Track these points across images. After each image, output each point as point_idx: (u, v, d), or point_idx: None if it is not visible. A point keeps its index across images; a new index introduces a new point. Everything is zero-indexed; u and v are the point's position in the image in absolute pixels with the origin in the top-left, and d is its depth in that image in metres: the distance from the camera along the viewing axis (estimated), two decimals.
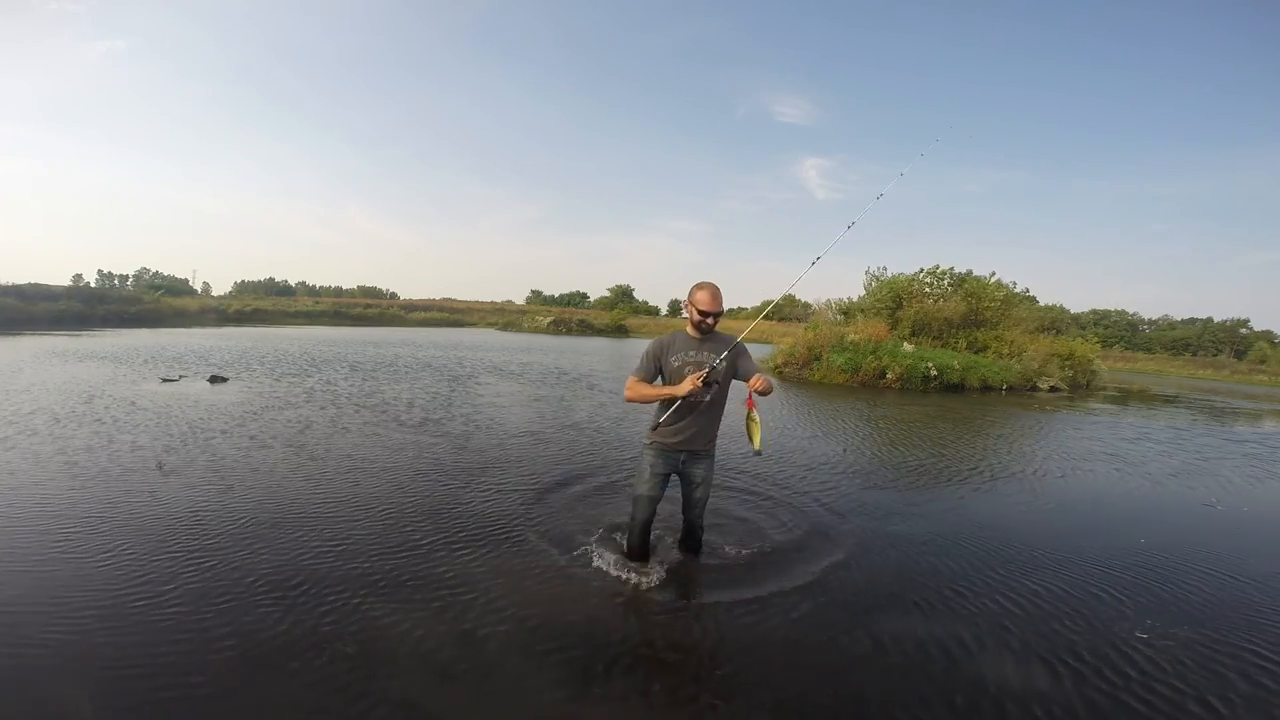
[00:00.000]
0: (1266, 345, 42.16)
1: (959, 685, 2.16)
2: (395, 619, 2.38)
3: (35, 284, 25.02)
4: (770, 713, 1.96)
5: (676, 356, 2.75)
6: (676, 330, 2.86)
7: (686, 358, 2.73)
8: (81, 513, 3.32)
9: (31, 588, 2.50)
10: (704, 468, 2.88)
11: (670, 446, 2.82)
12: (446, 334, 27.52)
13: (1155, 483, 5.51)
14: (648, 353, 2.80)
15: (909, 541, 3.55)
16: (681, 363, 2.73)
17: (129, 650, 2.10)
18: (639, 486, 2.87)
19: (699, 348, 2.75)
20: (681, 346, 2.76)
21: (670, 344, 2.79)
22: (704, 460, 2.88)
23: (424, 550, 3.04)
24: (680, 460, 2.85)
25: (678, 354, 2.75)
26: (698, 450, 2.84)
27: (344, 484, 4.06)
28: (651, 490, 2.84)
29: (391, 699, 1.92)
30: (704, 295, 2.70)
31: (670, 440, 2.80)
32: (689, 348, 2.75)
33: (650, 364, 2.78)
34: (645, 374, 2.77)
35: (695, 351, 2.74)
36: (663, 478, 2.86)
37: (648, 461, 2.85)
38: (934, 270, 17.52)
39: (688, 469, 2.88)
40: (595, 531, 3.33)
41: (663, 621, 2.51)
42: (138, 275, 55.50)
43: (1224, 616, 2.81)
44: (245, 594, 2.51)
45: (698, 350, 2.74)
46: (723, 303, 2.71)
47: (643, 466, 2.86)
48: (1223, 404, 14.62)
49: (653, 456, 2.84)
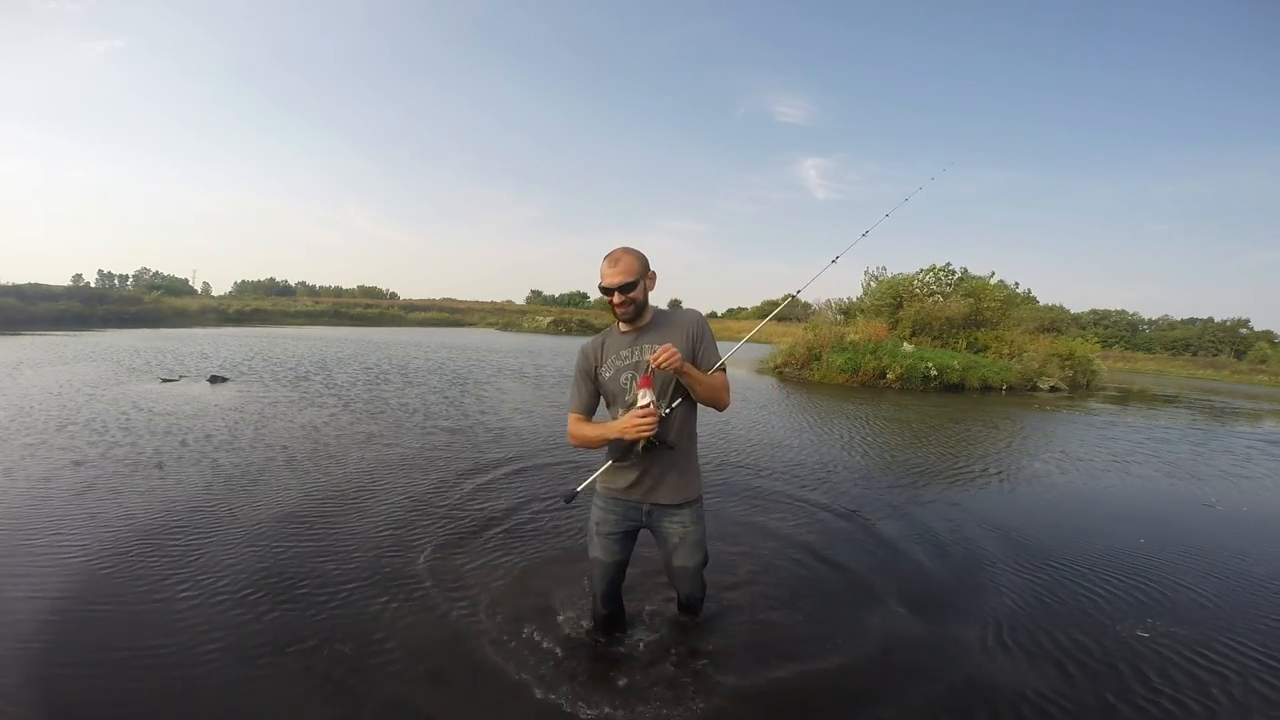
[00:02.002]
0: (1266, 345, 42.13)
1: (958, 684, 2.16)
2: (393, 618, 2.37)
3: (35, 284, 25.06)
4: (751, 702, 1.96)
5: (608, 364, 1.97)
6: (610, 327, 2.07)
7: (618, 361, 1.95)
8: (81, 512, 3.31)
9: (32, 587, 2.49)
10: (683, 523, 2.01)
11: (621, 492, 2.02)
12: (447, 334, 27.51)
13: (1155, 482, 5.50)
14: (577, 373, 2.02)
15: (908, 541, 3.54)
16: (615, 370, 1.95)
17: (128, 650, 2.10)
18: (590, 548, 2.13)
19: (633, 344, 1.95)
20: (612, 348, 1.98)
21: (598, 349, 2.01)
22: (682, 512, 2.01)
23: (423, 550, 3.04)
24: (644, 514, 2.03)
25: (607, 359, 1.97)
26: (666, 503, 2.00)
27: (343, 484, 4.05)
28: (606, 554, 2.08)
29: (386, 698, 1.92)
30: (604, 266, 1.89)
31: (619, 485, 2.01)
32: (619, 347, 1.97)
33: (582, 387, 2.00)
34: (580, 403, 1.99)
35: (631, 351, 1.94)
36: (620, 537, 2.07)
37: (594, 517, 2.09)
38: (934, 269, 17.53)
39: (658, 525, 2.04)
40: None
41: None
42: (138, 275, 55.60)
43: (1224, 616, 2.81)
44: (244, 593, 2.51)
45: (630, 348, 1.95)
46: (636, 268, 1.87)
47: (590, 524, 2.11)
48: (1223, 404, 14.62)
49: (601, 509, 2.07)
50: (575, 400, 2.02)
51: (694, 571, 2.11)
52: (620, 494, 2.02)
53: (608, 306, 1.99)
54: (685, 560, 2.06)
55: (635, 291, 1.89)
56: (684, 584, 2.17)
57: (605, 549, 2.08)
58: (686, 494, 2.00)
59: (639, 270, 1.89)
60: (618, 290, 1.87)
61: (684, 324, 1.97)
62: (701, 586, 2.23)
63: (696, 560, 2.07)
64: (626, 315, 1.92)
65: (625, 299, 1.88)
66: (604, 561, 2.10)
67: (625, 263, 1.87)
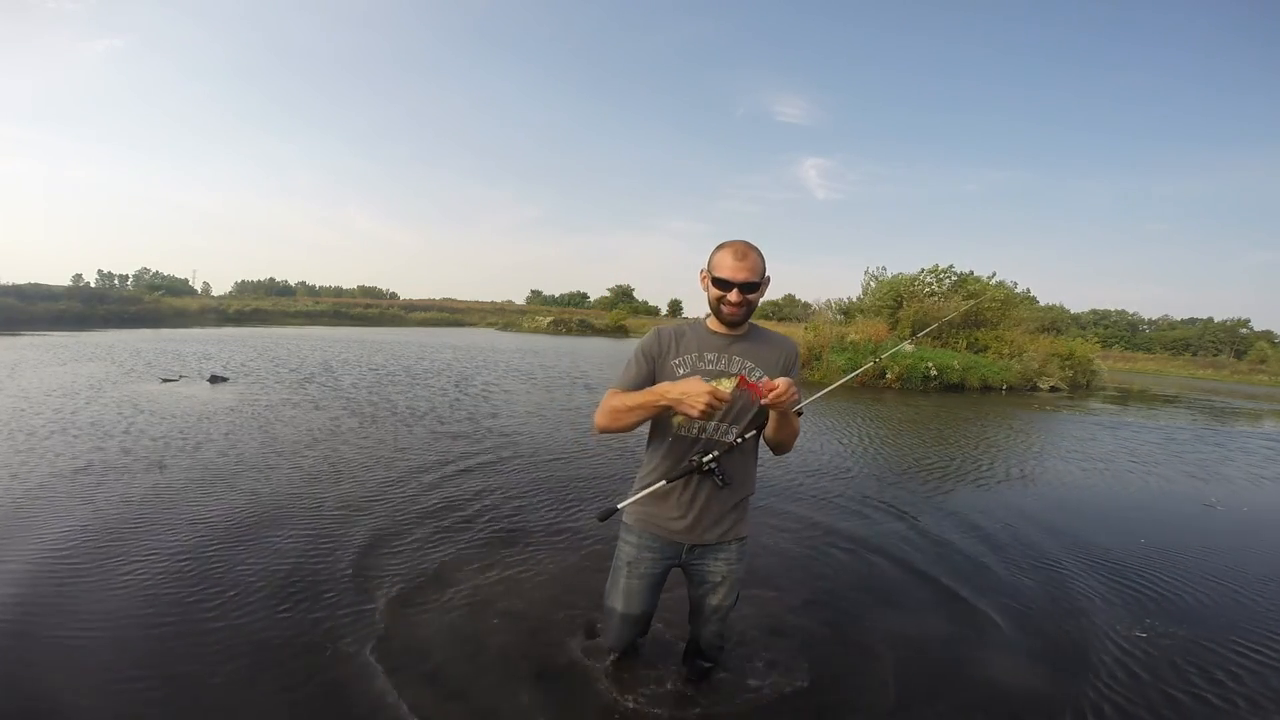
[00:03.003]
0: (1266, 345, 42.17)
1: (957, 684, 2.16)
2: (390, 617, 2.38)
3: (35, 284, 25.07)
4: (764, 710, 1.97)
5: (683, 359, 1.67)
6: (692, 320, 1.79)
7: (700, 363, 1.66)
8: (80, 511, 3.32)
9: (31, 586, 2.50)
10: (728, 560, 1.76)
11: (666, 531, 1.72)
12: (448, 334, 27.51)
13: (1155, 482, 5.51)
14: (640, 350, 1.72)
15: (906, 540, 3.55)
16: (693, 370, 1.65)
17: (126, 648, 2.11)
18: (611, 594, 1.83)
19: (725, 349, 1.68)
20: (694, 345, 1.69)
21: (677, 338, 1.71)
22: (729, 549, 1.76)
23: (423, 551, 3.04)
24: (683, 552, 1.75)
25: (686, 354, 1.68)
26: (713, 542, 1.73)
27: (343, 484, 4.06)
28: (631, 606, 1.80)
29: (389, 699, 1.92)
30: (726, 256, 1.60)
31: (665, 517, 1.71)
32: (706, 347, 1.68)
33: (641, 365, 1.69)
34: (630, 381, 1.67)
35: (717, 355, 1.67)
36: (656, 580, 1.79)
37: (625, 555, 1.78)
38: (934, 269, 17.54)
39: (698, 563, 1.77)
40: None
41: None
42: (138, 275, 55.63)
43: (1223, 616, 2.81)
44: (243, 592, 2.51)
45: (721, 353, 1.67)
46: (761, 268, 1.62)
47: (618, 563, 1.81)
48: (1223, 404, 14.62)
49: (634, 545, 1.76)
50: (624, 376, 1.69)
51: (726, 611, 1.85)
52: (663, 532, 1.72)
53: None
54: (723, 600, 1.80)
55: (756, 293, 1.65)
56: (712, 626, 1.88)
57: (638, 596, 1.78)
58: (736, 531, 1.76)
59: (763, 271, 1.64)
60: (739, 287, 1.60)
61: (783, 349, 1.73)
62: (724, 633, 1.95)
63: (733, 600, 1.83)
64: (737, 317, 1.65)
65: (743, 299, 1.62)
66: (632, 614, 1.81)
67: (752, 259, 1.61)
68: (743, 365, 1.66)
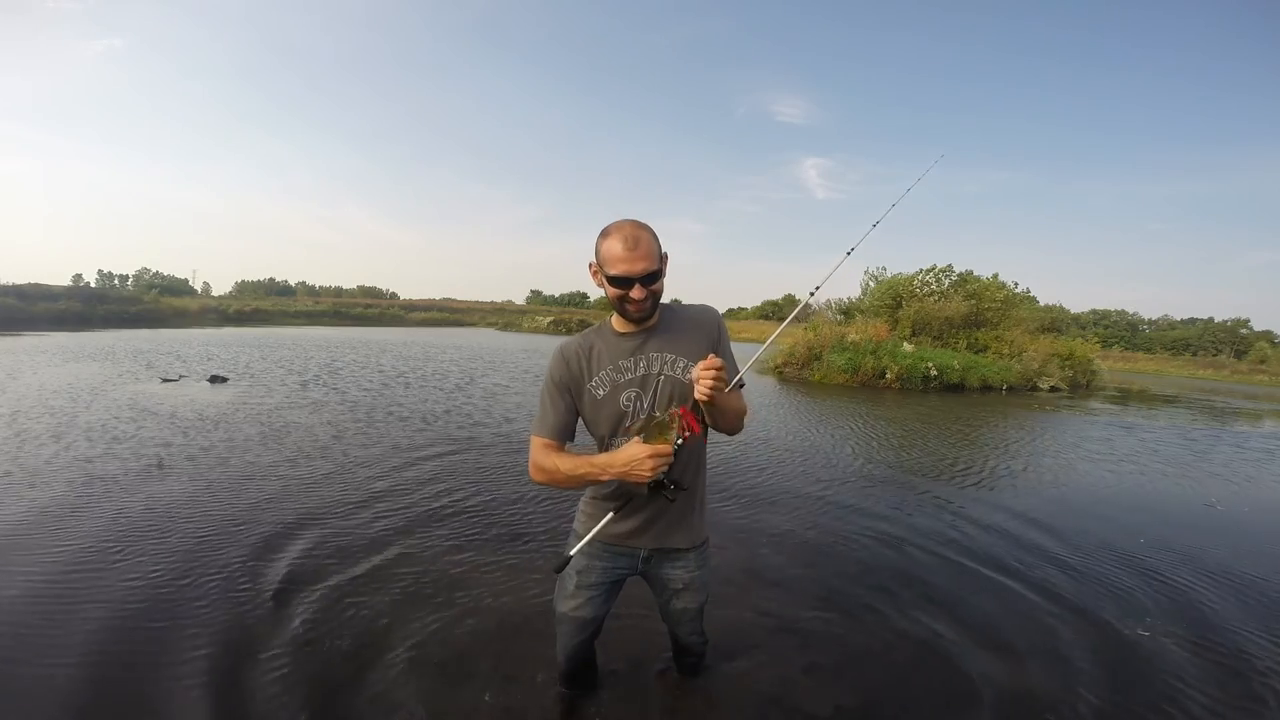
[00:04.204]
0: (1266, 345, 42.15)
1: (957, 683, 2.16)
2: (390, 617, 2.38)
3: (35, 284, 25.10)
4: (762, 702, 1.97)
5: (600, 378, 1.47)
6: (598, 325, 1.56)
7: (618, 375, 1.46)
8: (80, 511, 3.32)
9: (32, 586, 2.50)
10: (688, 567, 1.62)
11: (619, 540, 1.57)
12: (449, 334, 27.52)
13: (1155, 482, 5.51)
14: (550, 383, 1.49)
15: (905, 540, 3.54)
16: (612, 387, 1.46)
17: (125, 647, 2.11)
18: (559, 601, 1.68)
19: (639, 351, 1.46)
20: (606, 357, 1.47)
21: (586, 356, 1.49)
22: (688, 556, 1.62)
23: (422, 551, 3.05)
24: (639, 559, 1.61)
25: (601, 372, 1.47)
26: (670, 548, 1.59)
27: (343, 484, 4.06)
28: (585, 609, 1.64)
29: (383, 695, 1.92)
30: (615, 246, 1.34)
31: (616, 532, 1.55)
32: (619, 355, 1.47)
33: (557, 402, 1.48)
34: (551, 425, 1.47)
35: (633, 361, 1.46)
36: (606, 589, 1.64)
37: (574, 563, 1.60)
38: (934, 269, 17.55)
39: (657, 571, 1.63)
40: None
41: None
42: (138, 275, 55.62)
43: (1223, 616, 2.81)
44: (244, 591, 2.52)
45: (636, 357, 1.46)
46: (656, 250, 1.37)
47: (567, 570, 1.61)
48: (1223, 404, 14.62)
49: (584, 554, 1.58)
50: (543, 421, 1.48)
51: (696, 612, 1.73)
52: (615, 541, 1.57)
53: (605, 304, 1.60)
54: (689, 602, 1.68)
55: (658, 282, 1.39)
56: (684, 626, 1.77)
57: (586, 604, 1.62)
58: (694, 537, 1.60)
59: (659, 251, 1.38)
60: (640, 281, 1.35)
61: (702, 325, 1.49)
62: (702, 629, 1.82)
63: (700, 600, 1.70)
64: (644, 313, 1.41)
65: (647, 293, 1.37)
66: (582, 618, 1.64)
67: (646, 242, 1.34)
68: (663, 363, 1.45)
